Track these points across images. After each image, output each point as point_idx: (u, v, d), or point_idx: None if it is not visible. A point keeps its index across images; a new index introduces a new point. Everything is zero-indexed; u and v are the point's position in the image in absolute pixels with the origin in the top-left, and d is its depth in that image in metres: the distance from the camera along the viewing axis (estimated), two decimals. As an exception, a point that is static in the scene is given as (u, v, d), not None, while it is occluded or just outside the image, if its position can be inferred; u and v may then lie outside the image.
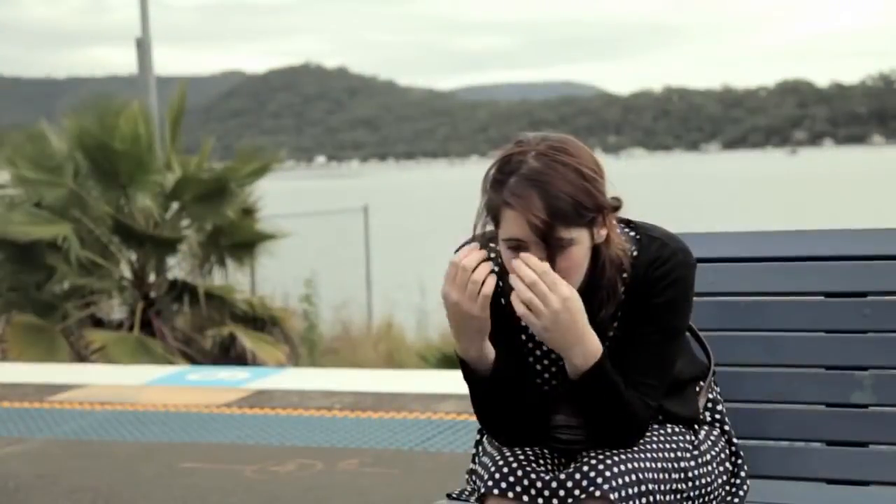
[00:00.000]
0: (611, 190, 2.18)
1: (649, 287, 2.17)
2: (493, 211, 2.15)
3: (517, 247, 2.10)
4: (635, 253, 2.20)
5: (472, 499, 2.21)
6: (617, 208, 2.16)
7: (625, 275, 2.19)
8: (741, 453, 2.35)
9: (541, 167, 2.09)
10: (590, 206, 2.09)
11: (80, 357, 9.72)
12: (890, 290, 2.44)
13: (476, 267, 2.10)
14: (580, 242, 2.10)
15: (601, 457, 2.10)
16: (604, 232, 2.15)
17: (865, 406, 2.43)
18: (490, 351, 2.19)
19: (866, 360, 2.43)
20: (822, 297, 2.49)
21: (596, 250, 2.16)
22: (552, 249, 2.09)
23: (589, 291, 2.15)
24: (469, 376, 2.22)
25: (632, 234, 2.23)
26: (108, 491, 4.61)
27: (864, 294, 2.46)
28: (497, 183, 2.13)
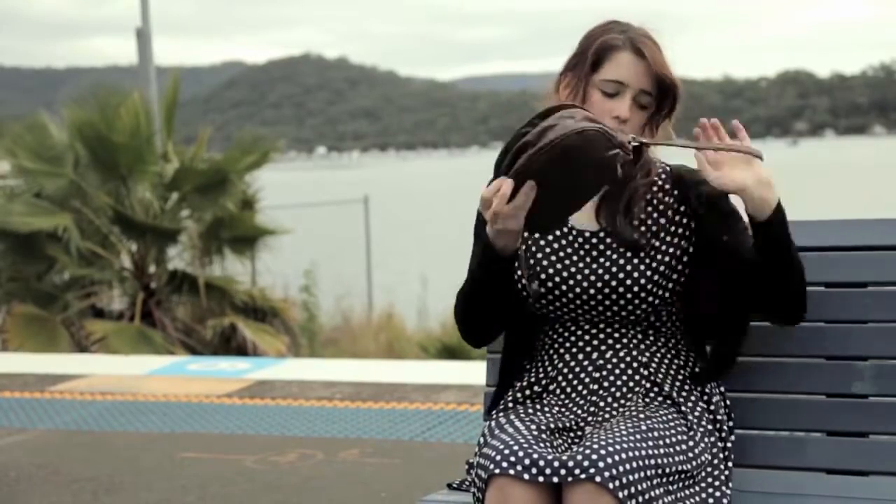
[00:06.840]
0: None
1: (703, 191, 2.33)
2: (603, 52, 2.31)
3: (614, 93, 2.29)
4: (667, 167, 2.42)
5: (473, 489, 2.21)
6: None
7: (659, 177, 2.38)
8: (722, 411, 2.37)
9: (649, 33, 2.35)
10: (672, 84, 2.33)
11: (81, 347, 9.74)
12: (891, 281, 2.44)
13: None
14: (650, 113, 2.34)
15: (604, 442, 2.11)
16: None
17: (866, 396, 2.42)
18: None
19: (867, 351, 2.43)
20: (822, 287, 2.48)
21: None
22: (642, 104, 2.31)
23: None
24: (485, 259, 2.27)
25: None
26: (108, 481, 4.62)
27: (864, 284, 2.45)
28: (610, 30, 2.34)
